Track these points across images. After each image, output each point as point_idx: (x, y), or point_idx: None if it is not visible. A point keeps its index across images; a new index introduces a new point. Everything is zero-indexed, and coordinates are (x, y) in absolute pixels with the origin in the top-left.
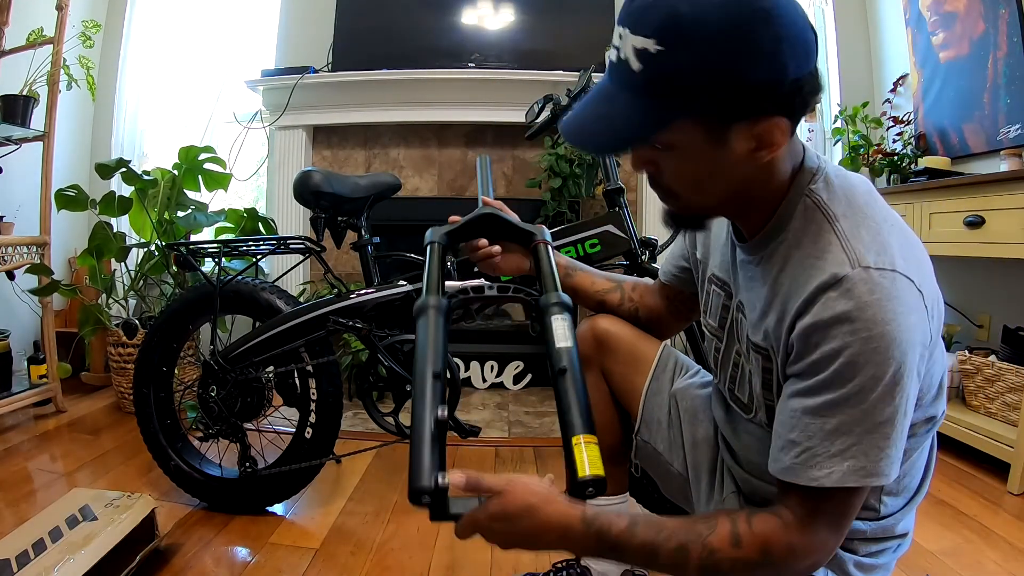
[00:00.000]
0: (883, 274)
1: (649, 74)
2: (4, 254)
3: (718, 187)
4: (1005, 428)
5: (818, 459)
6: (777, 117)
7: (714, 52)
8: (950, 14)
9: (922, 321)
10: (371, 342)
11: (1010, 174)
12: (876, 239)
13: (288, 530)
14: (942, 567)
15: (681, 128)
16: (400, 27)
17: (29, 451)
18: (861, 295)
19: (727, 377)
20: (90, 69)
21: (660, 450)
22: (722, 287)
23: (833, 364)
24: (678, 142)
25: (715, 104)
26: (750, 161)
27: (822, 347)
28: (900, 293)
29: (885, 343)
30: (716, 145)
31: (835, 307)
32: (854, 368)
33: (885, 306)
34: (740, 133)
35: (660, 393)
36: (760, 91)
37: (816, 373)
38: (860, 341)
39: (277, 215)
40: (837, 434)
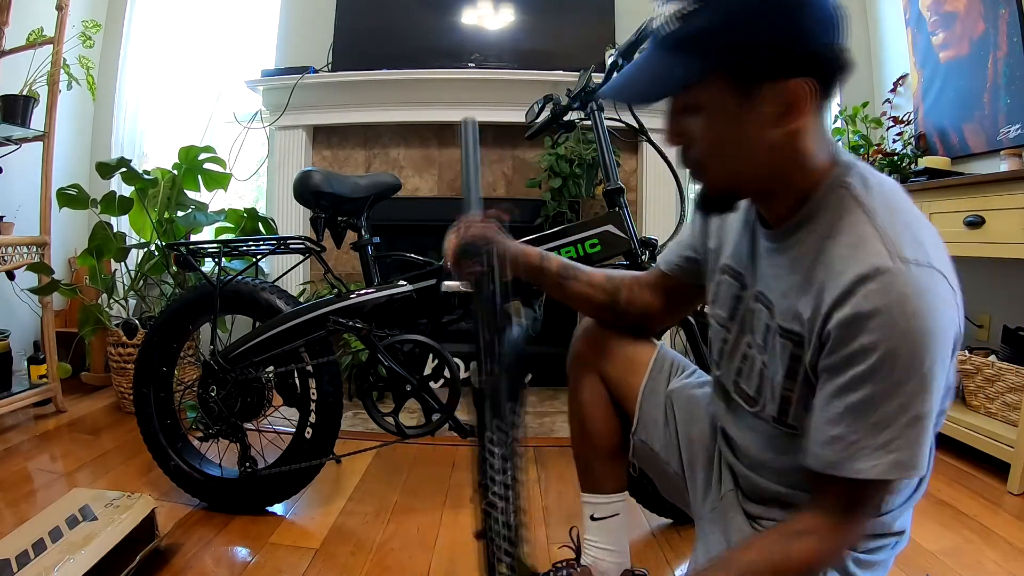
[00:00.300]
0: (922, 269)
1: (684, 31)
2: (4, 254)
3: (747, 156)
4: (1005, 428)
5: (863, 452)
6: (804, 78)
7: (743, 9)
8: (950, 14)
9: (954, 316)
10: (371, 342)
11: (1010, 174)
12: (914, 236)
13: (288, 530)
14: (942, 567)
15: (712, 85)
16: (400, 27)
17: (29, 451)
18: (901, 288)
19: (733, 369)
20: (90, 69)
21: (657, 449)
22: (736, 277)
23: (871, 357)
24: (708, 101)
25: (744, 60)
26: (778, 125)
27: (861, 339)
28: (937, 288)
29: (923, 337)
30: (744, 105)
31: (875, 300)
32: (893, 361)
33: (924, 300)
34: (767, 94)
35: (656, 393)
36: (787, 50)
37: (855, 366)
38: (899, 335)
39: (277, 215)
40: (880, 427)
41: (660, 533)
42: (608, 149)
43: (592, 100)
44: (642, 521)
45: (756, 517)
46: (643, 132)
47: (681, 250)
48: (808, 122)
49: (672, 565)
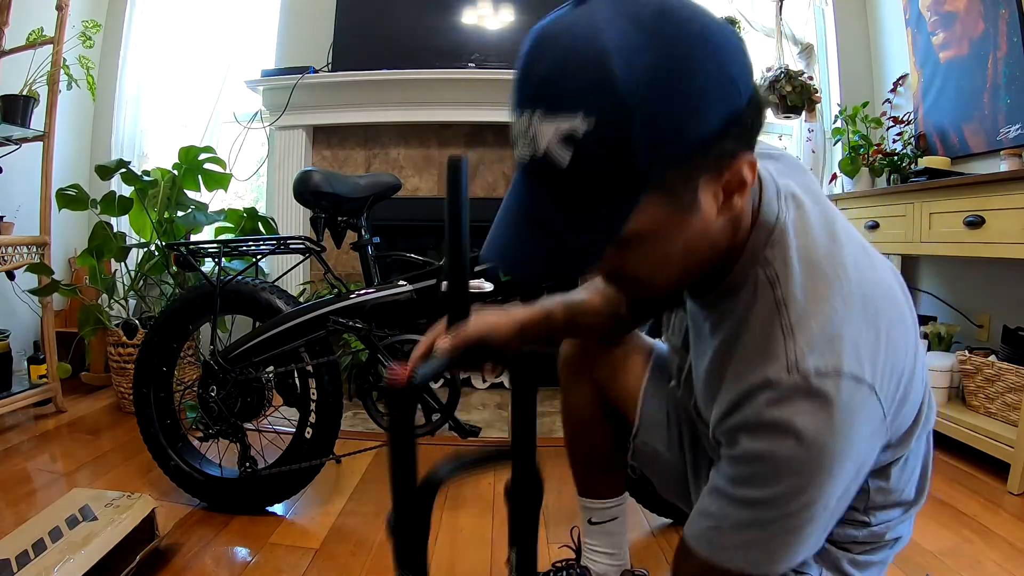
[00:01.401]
0: (823, 381)
1: (585, 164)
2: (4, 254)
3: (692, 259)
4: (1005, 428)
5: (723, 542)
6: (742, 154)
7: (661, 102)
8: (950, 14)
9: (871, 422)
10: (371, 342)
11: (1010, 174)
12: (826, 330)
13: (288, 530)
14: (942, 567)
15: (644, 211)
16: (400, 27)
17: (29, 451)
18: (794, 406)
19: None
20: (90, 69)
21: (660, 450)
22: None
23: (755, 466)
24: (645, 227)
25: (675, 165)
26: (723, 214)
27: (746, 447)
28: (843, 401)
29: (815, 457)
30: (687, 213)
31: (764, 414)
32: (777, 476)
33: (820, 419)
34: (708, 186)
35: (658, 394)
36: (721, 129)
37: (738, 466)
38: (787, 453)
39: (277, 215)
40: (746, 527)
41: (660, 533)
42: None
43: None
44: (642, 521)
45: None
46: None
47: None
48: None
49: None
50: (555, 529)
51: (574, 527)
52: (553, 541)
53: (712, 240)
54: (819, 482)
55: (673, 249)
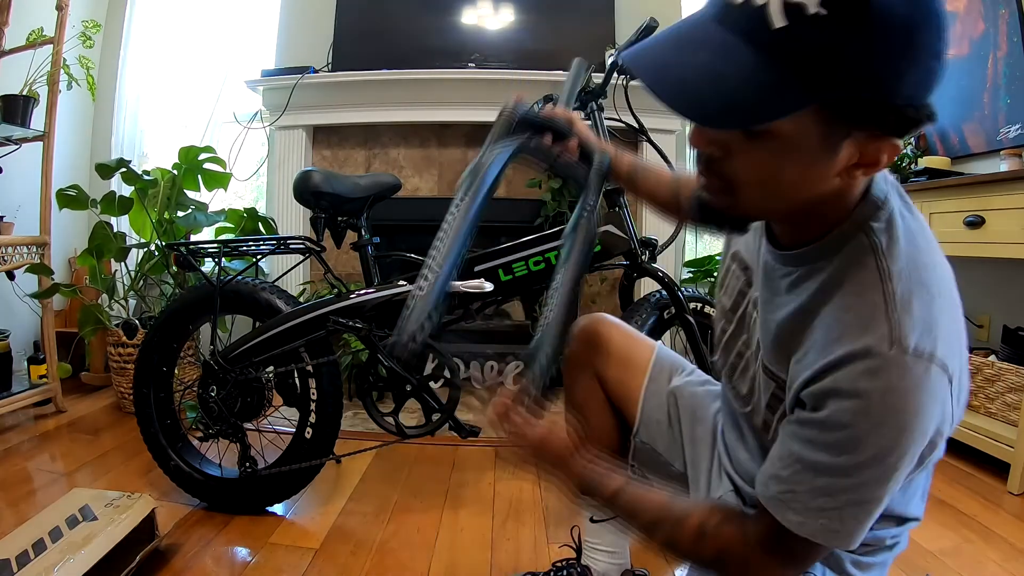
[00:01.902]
0: (919, 362)
1: (795, 38)
2: (4, 254)
3: (795, 196)
4: (1005, 428)
5: (797, 505)
6: (893, 138)
7: (883, 42)
8: (950, 14)
9: (944, 408)
10: (371, 342)
11: (1010, 174)
12: (926, 315)
13: (288, 530)
14: (942, 567)
15: (801, 119)
16: (400, 27)
17: (29, 451)
18: (891, 380)
19: (728, 363)
20: (90, 69)
21: (660, 450)
22: (744, 271)
23: (839, 432)
24: (788, 134)
25: (854, 103)
26: (843, 176)
27: (834, 412)
28: (931, 385)
29: (898, 431)
30: (825, 150)
31: (858, 382)
32: (859, 444)
33: (911, 397)
34: (851, 144)
35: (658, 394)
36: (897, 103)
37: (821, 431)
38: (874, 424)
39: (277, 215)
40: (821, 493)
41: None
42: None
43: (592, 100)
44: None
45: None
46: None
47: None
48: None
49: (672, 565)
50: (555, 529)
51: (574, 527)
52: (553, 541)
53: (819, 194)
54: (894, 456)
55: (788, 174)
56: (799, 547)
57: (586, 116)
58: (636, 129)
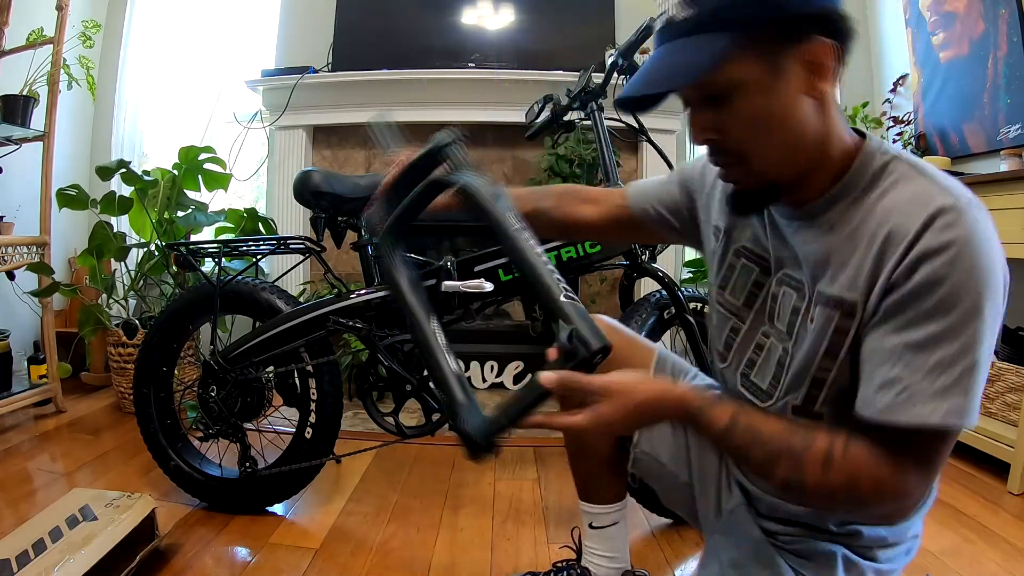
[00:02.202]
0: (982, 211)
1: (696, 15)
2: (4, 254)
3: (789, 130)
4: (1005, 428)
5: (920, 396)
6: (822, 38)
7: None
8: (950, 14)
9: (1005, 266)
10: (371, 342)
11: (1010, 174)
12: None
13: (288, 530)
14: (942, 567)
15: (739, 62)
16: (400, 27)
17: (29, 451)
18: (968, 223)
19: (742, 361)
20: (90, 69)
21: (664, 461)
22: (756, 261)
23: (937, 292)
24: (740, 78)
25: (764, 29)
26: (808, 91)
27: (927, 274)
28: (993, 231)
29: (986, 274)
30: (775, 74)
31: (943, 235)
32: (956, 297)
33: (988, 240)
34: (793, 60)
35: None
36: (805, 10)
37: (917, 302)
38: (965, 270)
39: (277, 215)
40: (939, 370)
41: (660, 533)
42: (608, 149)
43: (592, 100)
44: (642, 521)
45: (774, 533)
46: (643, 132)
47: (660, 199)
48: (831, 88)
49: (672, 565)
50: (555, 529)
51: (574, 528)
52: (553, 541)
53: (804, 119)
54: (989, 303)
55: (764, 110)
56: (931, 446)
57: (586, 116)
58: (636, 129)
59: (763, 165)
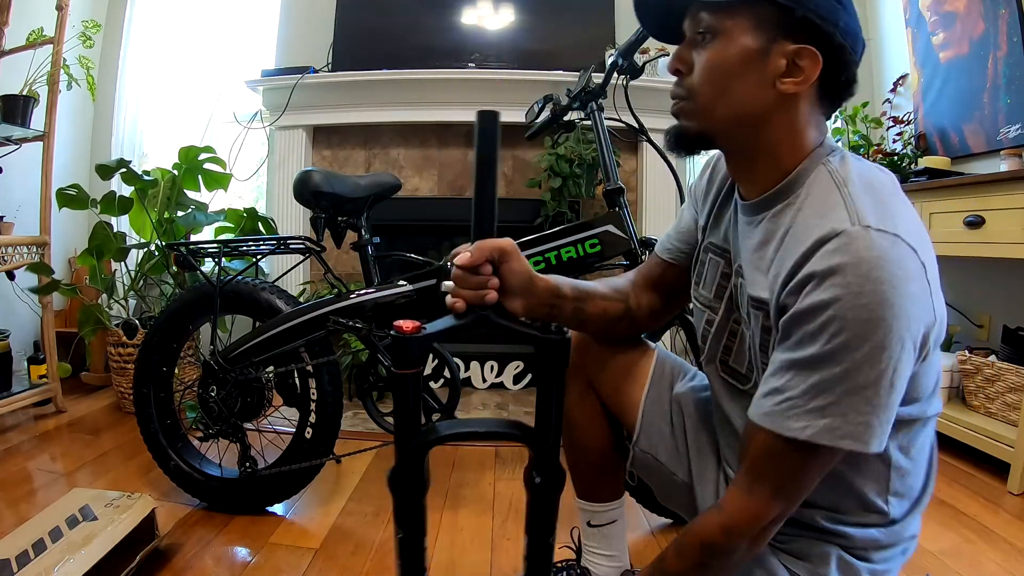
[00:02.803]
0: (884, 235)
1: None
2: (4, 254)
3: (741, 97)
4: (1005, 428)
5: (796, 411)
6: (813, 48)
7: None
8: (950, 14)
9: (923, 292)
10: (371, 342)
11: (1010, 174)
12: (882, 208)
13: (288, 530)
14: (942, 567)
15: (742, 17)
16: (400, 27)
17: (29, 451)
18: (858, 250)
19: (720, 348)
20: (90, 69)
21: (662, 460)
22: (720, 254)
23: (820, 317)
24: (729, 30)
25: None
26: (780, 88)
27: (812, 298)
28: (900, 257)
29: (876, 302)
30: (757, 52)
31: (830, 260)
32: (840, 323)
33: (882, 266)
34: (780, 50)
35: (660, 401)
36: (815, 21)
37: (803, 324)
38: (850, 296)
39: (277, 215)
40: (817, 390)
41: (660, 533)
42: (608, 149)
43: (592, 100)
44: (642, 521)
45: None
46: (643, 132)
47: (684, 236)
48: (806, 95)
49: None
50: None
51: (574, 527)
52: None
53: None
54: (880, 330)
55: (733, 69)
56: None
57: (586, 116)
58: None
59: (703, 110)
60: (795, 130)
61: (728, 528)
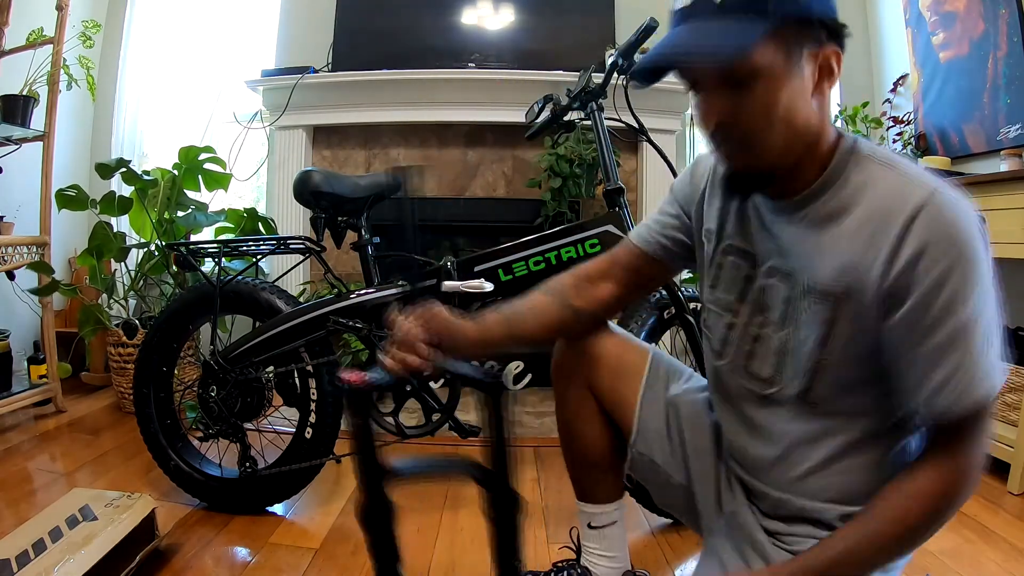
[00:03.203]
0: (949, 192)
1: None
2: (4, 254)
3: (796, 124)
4: (1005, 428)
5: (979, 374)
6: (835, 46)
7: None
8: (950, 14)
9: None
10: (371, 342)
11: (1010, 174)
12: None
13: (288, 530)
14: (942, 567)
15: (767, 49)
16: (400, 27)
17: (29, 451)
18: (948, 213)
19: (743, 353)
20: (90, 69)
21: (659, 461)
22: (743, 256)
23: (943, 292)
24: (763, 66)
25: (793, 24)
26: (815, 92)
27: (929, 268)
28: (967, 206)
29: (973, 250)
30: (793, 70)
31: (930, 231)
32: (961, 287)
33: (963, 216)
34: (809, 59)
35: (656, 402)
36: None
37: (933, 295)
38: (957, 258)
39: (277, 215)
40: (983, 347)
41: (660, 533)
42: (608, 149)
43: (592, 100)
44: (642, 521)
45: (776, 533)
46: (643, 132)
47: (664, 229)
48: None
49: (672, 565)
50: (555, 529)
51: (573, 527)
52: (553, 541)
53: (809, 116)
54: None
55: (780, 101)
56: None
57: (586, 116)
58: (636, 129)
59: (766, 152)
60: (825, 124)
61: (950, 494)
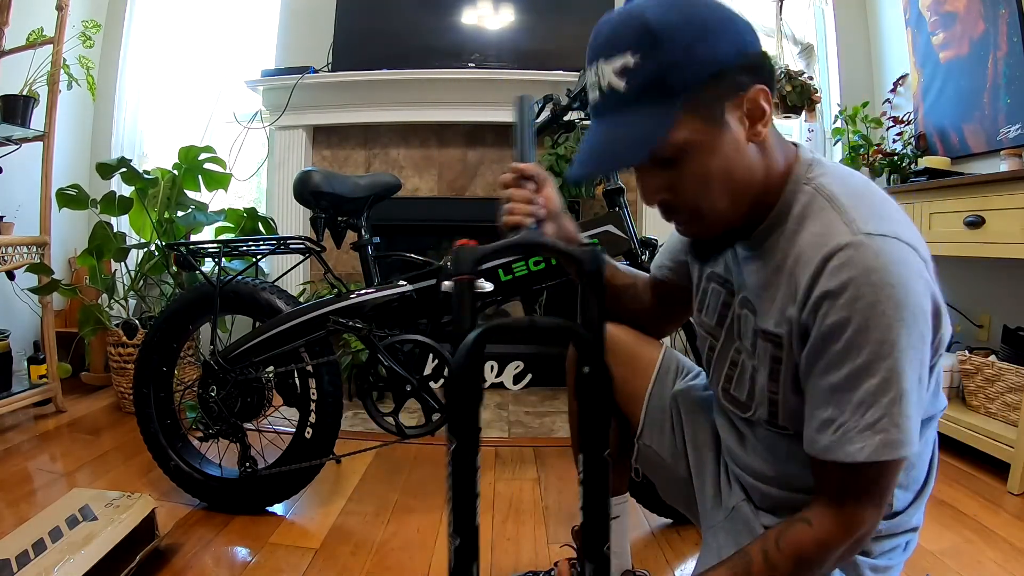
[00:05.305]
0: (884, 240)
1: (637, 84)
2: (4, 254)
3: (737, 180)
4: (1005, 428)
5: (851, 434)
6: (757, 85)
7: (684, 40)
8: (950, 14)
9: (927, 288)
10: (371, 342)
11: (1010, 174)
12: (875, 211)
13: (288, 530)
14: (942, 567)
15: (684, 124)
16: (400, 27)
17: (29, 451)
18: (865, 259)
19: (722, 376)
20: (90, 69)
21: (663, 455)
22: (723, 284)
23: (844, 334)
24: (685, 141)
25: (703, 88)
26: (750, 138)
27: (832, 316)
28: (903, 256)
29: (892, 307)
30: (719, 130)
31: (839, 275)
32: (866, 335)
33: (889, 270)
34: (733, 112)
35: (662, 397)
36: (733, 64)
37: (831, 345)
38: (868, 307)
39: (277, 215)
40: (863, 407)
41: (660, 533)
42: None
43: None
44: (642, 521)
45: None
46: None
47: (673, 254)
48: (768, 127)
49: (672, 565)
50: (555, 529)
51: (574, 526)
52: (553, 541)
53: (749, 166)
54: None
55: (714, 166)
56: (873, 477)
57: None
58: None
59: (715, 217)
60: (770, 161)
61: (823, 542)
